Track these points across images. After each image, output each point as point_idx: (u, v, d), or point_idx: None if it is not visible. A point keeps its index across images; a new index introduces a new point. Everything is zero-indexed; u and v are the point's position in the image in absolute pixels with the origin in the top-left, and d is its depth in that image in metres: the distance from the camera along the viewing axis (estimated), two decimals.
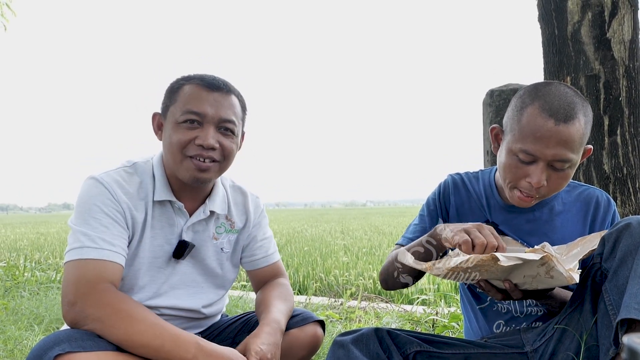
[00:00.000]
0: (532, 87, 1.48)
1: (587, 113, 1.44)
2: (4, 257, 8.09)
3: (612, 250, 1.27)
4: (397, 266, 1.58)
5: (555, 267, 1.18)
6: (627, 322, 1.14)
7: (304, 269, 6.09)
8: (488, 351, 1.46)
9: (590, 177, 2.38)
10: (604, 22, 2.39)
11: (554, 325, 1.44)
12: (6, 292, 4.13)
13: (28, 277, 5.05)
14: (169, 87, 1.67)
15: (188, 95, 1.60)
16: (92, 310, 1.41)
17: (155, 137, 1.71)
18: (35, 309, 3.21)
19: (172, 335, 1.42)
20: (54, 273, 5.47)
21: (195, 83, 1.61)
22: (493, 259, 1.21)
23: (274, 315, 1.66)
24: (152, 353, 1.41)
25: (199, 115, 1.58)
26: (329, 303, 3.83)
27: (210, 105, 1.59)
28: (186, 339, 1.43)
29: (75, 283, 1.45)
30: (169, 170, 1.68)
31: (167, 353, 1.41)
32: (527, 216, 1.62)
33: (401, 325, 2.86)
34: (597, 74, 2.40)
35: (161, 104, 1.68)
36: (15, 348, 2.26)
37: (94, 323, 1.41)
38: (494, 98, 2.68)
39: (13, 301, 3.63)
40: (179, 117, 1.58)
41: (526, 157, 1.41)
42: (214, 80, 1.62)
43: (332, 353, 1.37)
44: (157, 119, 1.70)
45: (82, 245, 1.49)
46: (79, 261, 1.47)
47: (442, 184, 1.76)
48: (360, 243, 9.72)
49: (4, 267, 5.93)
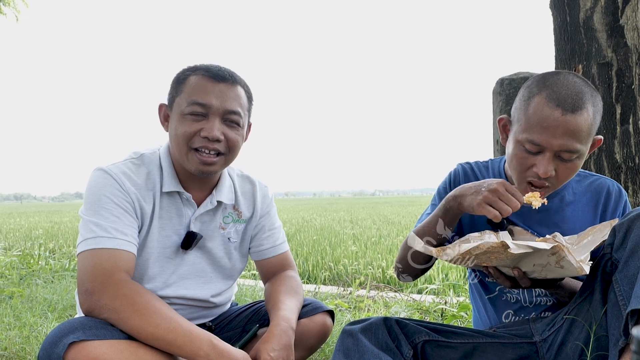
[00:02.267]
0: (540, 76, 1.46)
1: (596, 103, 1.42)
2: (19, 246, 8.18)
3: (623, 240, 1.26)
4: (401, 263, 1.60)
5: (565, 257, 1.18)
6: (638, 313, 1.14)
7: (313, 258, 6.11)
8: (497, 341, 1.46)
9: (602, 167, 2.36)
10: (617, 8, 2.35)
11: (563, 315, 1.43)
12: (21, 280, 4.19)
13: (42, 265, 5.11)
14: (175, 77, 1.66)
15: (194, 86, 1.59)
16: (108, 300, 1.43)
17: (162, 127, 1.71)
18: (49, 296, 3.26)
19: (185, 331, 1.43)
20: (67, 261, 5.55)
21: (201, 74, 1.61)
22: (503, 247, 1.20)
23: (284, 314, 1.66)
24: (165, 346, 1.42)
25: (204, 107, 1.57)
26: (338, 292, 3.84)
27: (216, 97, 1.58)
28: (200, 336, 1.44)
29: (91, 272, 1.46)
30: (176, 161, 1.68)
31: (180, 348, 1.42)
32: None
33: (410, 314, 2.87)
34: (610, 62, 2.37)
35: (167, 95, 1.68)
36: (31, 335, 2.29)
37: (109, 313, 1.43)
38: (504, 87, 2.66)
39: (28, 289, 3.69)
40: (185, 109, 1.58)
41: (533, 147, 1.40)
42: (219, 70, 1.62)
43: (341, 342, 1.37)
44: (163, 110, 1.70)
45: (95, 235, 1.51)
46: (93, 251, 1.49)
47: (453, 172, 1.76)
48: (369, 232, 9.72)
49: (19, 256, 6.03)
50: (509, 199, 1.32)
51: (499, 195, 1.32)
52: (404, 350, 1.38)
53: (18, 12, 9.23)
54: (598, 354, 1.30)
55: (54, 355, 1.34)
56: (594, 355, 1.30)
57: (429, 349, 1.41)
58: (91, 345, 1.34)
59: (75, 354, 1.33)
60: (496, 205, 1.31)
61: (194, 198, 1.71)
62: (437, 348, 1.42)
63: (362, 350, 1.33)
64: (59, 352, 1.33)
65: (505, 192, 1.33)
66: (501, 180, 1.36)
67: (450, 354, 1.42)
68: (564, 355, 1.38)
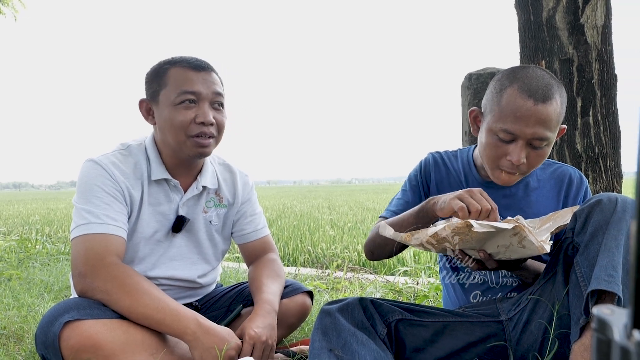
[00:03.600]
0: (510, 70, 1.46)
1: (562, 94, 1.43)
2: (17, 231, 8.09)
3: (584, 225, 1.27)
4: (378, 242, 1.58)
5: (527, 237, 1.18)
6: (597, 293, 1.15)
7: (293, 242, 6.09)
8: (466, 320, 1.46)
9: (564, 156, 2.37)
10: (577, 8, 2.36)
11: (527, 295, 1.44)
12: (20, 263, 4.19)
13: (39, 249, 5.09)
14: (152, 72, 1.66)
15: (179, 78, 1.60)
16: (100, 282, 1.45)
17: (146, 122, 1.70)
18: (46, 278, 3.25)
19: (173, 310, 1.44)
20: (62, 245, 5.52)
21: (183, 65, 1.62)
22: (467, 226, 1.19)
23: (268, 297, 1.68)
24: (154, 325, 1.44)
25: (194, 94, 1.59)
26: (316, 274, 3.83)
27: (202, 84, 1.60)
28: (186, 315, 1.44)
29: (84, 256, 1.48)
30: (163, 150, 1.69)
31: (168, 326, 1.43)
32: (504, 192, 1.61)
33: (384, 295, 2.87)
34: (571, 58, 2.37)
35: (147, 90, 1.67)
36: (29, 314, 2.29)
37: (102, 294, 1.45)
38: (472, 81, 2.65)
39: (26, 271, 3.68)
40: (175, 99, 1.58)
41: (506, 136, 1.40)
42: (197, 61, 1.63)
43: (319, 321, 1.37)
44: (144, 105, 1.69)
45: (87, 221, 1.52)
46: (85, 236, 1.51)
47: (423, 161, 1.74)
48: (345, 218, 9.73)
49: (17, 240, 5.98)
50: (480, 199, 1.29)
51: (472, 194, 1.30)
52: (378, 328, 1.37)
53: (16, 12, 9.13)
54: (561, 332, 1.31)
55: (50, 334, 1.36)
56: (557, 332, 1.31)
57: (402, 327, 1.41)
58: (85, 324, 1.36)
59: (70, 332, 1.35)
60: (466, 200, 1.29)
61: (181, 184, 1.73)
62: (409, 326, 1.42)
63: (339, 328, 1.32)
64: (55, 330, 1.35)
65: (480, 194, 1.31)
66: (480, 188, 1.34)
67: (421, 332, 1.42)
68: (528, 333, 1.39)
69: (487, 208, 1.27)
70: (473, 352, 1.41)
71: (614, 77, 2.38)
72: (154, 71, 1.65)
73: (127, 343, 1.39)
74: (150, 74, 1.66)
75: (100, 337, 1.35)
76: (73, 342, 1.34)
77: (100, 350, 1.35)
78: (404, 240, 1.31)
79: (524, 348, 1.39)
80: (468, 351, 1.41)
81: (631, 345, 0.29)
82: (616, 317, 0.32)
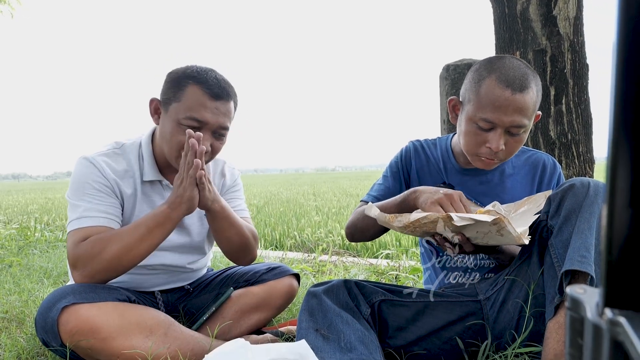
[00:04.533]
0: (487, 61, 1.45)
1: (537, 83, 1.42)
2: (17, 220, 8.00)
3: (558, 208, 1.27)
4: (360, 226, 1.57)
5: (505, 227, 1.18)
6: (571, 273, 1.15)
7: (280, 227, 6.09)
8: (445, 300, 1.47)
9: (538, 143, 2.38)
10: (550, 0, 2.35)
11: (504, 276, 1.44)
12: (20, 251, 4.17)
13: (38, 237, 5.05)
14: (172, 78, 1.58)
15: (193, 101, 1.53)
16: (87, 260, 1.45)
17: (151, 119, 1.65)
18: (45, 264, 3.24)
19: (146, 218, 1.50)
20: (60, 233, 5.48)
21: (202, 89, 1.53)
22: (448, 218, 1.20)
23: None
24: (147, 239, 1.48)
25: (200, 122, 1.53)
26: (302, 258, 3.82)
27: (212, 113, 1.54)
28: (158, 209, 1.51)
29: (73, 248, 1.48)
30: (158, 152, 1.66)
31: (152, 220, 1.49)
32: (480, 178, 1.61)
33: (367, 277, 2.87)
34: (544, 49, 2.37)
35: (162, 93, 1.60)
36: (29, 299, 2.29)
37: (93, 264, 1.45)
38: (450, 72, 2.64)
39: (25, 258, 3.66)
40: (182, 120, 1.52)
41: (486, 124, 1.39)
42: (218, 88, 1.55)
43: (306, 302, 1.37)
44: (154, 104, 1.62)
45: (80, 216, 1.52)
46: (78, 230, 1.50)
47: (404, 149, 1.74)
48: (330, 204, 9.75)
49: (17, 229, 5.94)
50: (458, 207, 1.29)
51: (452, 201, 1.30)
52: (362, 308, 1.38)
53: (13, 9, 8.99)
54: (536, 310, 1.31)
55: (49, 319, 1.37)
56: (533, 311, 1.32)
57: (384, 308, 1.41)
58: (82, 309, 1.36)
59: (67, 317, 1.35)
60: (445, 207, 1.29)
61: (172, 183, 1.69)
62: (392, 307, 1.42)
63: (325, 309, 1.32)
64: (53, 315, 1.36)
65: (459, 201, 1.31)
66: (460, 192, 1.34)
67: (403, 312, 1.42)
68: (505, 312, 1.40)
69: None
70: (452, 331, 1.42)
71: (585, 67, 2.39)
72: (175, 79, 1.57)
73: (123, 325, 1.40)
74: (171, 80, 1.58)
75: (97, 321, 1.36)
76: (71, 326, 1.35)
77: (97, 334, 1.36)
78: (387, 221, 1.30)
79: (501, 326, 1.40)
80: (448, 329, 1.42)
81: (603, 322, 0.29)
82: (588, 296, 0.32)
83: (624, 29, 0.27)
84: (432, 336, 1.41)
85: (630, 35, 0.27)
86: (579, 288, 0.33)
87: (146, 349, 1.41)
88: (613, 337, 0.28)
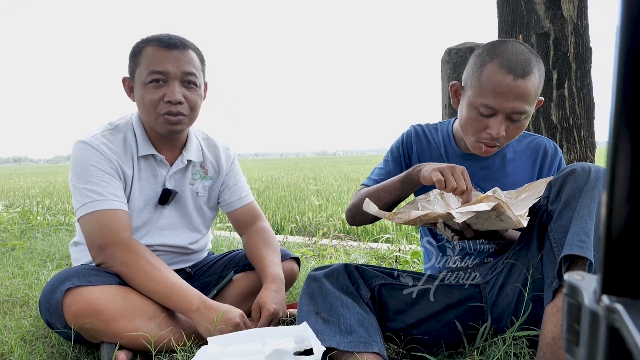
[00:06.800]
0: (489, 45, 1.43)
1: (540, 68, 1.40)
2: (19, 204, 8.01)
3: (558, 193, 1.27)
4: (360, 211, 1.58)
5: (505, 212, 1.18)
6: (570, 258, 1.15)
7: (281, 211, 6.10)
8: (445, 283, 1.47)
9: (539, 127, 2.37)
10: None
11: (503, 260, 1.45)
12: (22, 234, 4.20)
13: (40, 221, 5.07)
14: (131, 50, 1.64)
15: (150, 57, 1.58)
16: (120, 254, 1.49)
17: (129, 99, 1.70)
18: (48, 248, 3.27)
19: (180, 287, 1.49)
20: (62, 217, 5.49)
21: (154, 44, 1.59)
22: (449, 215, 1.20)
23: (275, 270, 1.73)
24: (162, 299, 1.48)
25: (162, 74, 1.57)
26: (303, 242, 3.84)
27: (171, 63, 1.57)
28: (192, 293, 1.49)
29: (100, 231, 1.51)
30: (147, 126, 1.69)
31: (174, 302, 1.48)
32: (482, 163, 1.61)
33: (367, 261, 2.88)
34: (547, 32, 2.35)
35: (128, 68, 1.66)
36: (32, 282, 2.33)
37: (121, 266, 1.49)
38: (452, 56, 2.62)
39: (28, 242, 3.69)
40: (145, 78, 1.57)
41: (487, 110, 1.39)
42: (170, 39, 1.60)
43: (306, 286, 1.38)
44: (127, 83, 1.68)
45: (92, 199, 1.54)
46: (94, 213, 1.53)
47: (405, 133, 1.73)
48: (330, 188, 9.74)
49: (19, 212, 5.97)
50: (459, 178, 1.28)
51: (453, 172, 1.30)
52: (362, 292, 1.39)
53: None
54: (534, 295, 1.32)
55: (53, 301, 1.39)
56: (531, 295, 1.32)
57: (384, 291, 1.42)
58: (85, 291, 1.39)
59: (71, 298, 1.38)
60: (445, 175, 1.29)
61: (166, 159, 1.73)
62: (391, 290, 1.43)
63: (326, 292, 1.33)
64: (57, 297, 1.38)
65: (460, 174, 1.30)
66: (463, 167, 1.33)
67: (403, 296, 1.43)
68: (504, 296, 1.40)
69: (462, 188, 1.27)
70: (452, 314, 1.43)
71: (589, 50, 2.37)
72: (132, 49, 1.64)
73: (126, 308, 1.43)
74: (131, 53, 1.65)
75: (101, 303, 1.38)
76: (75, 307, 1.37)
77: (101, 315, 1.38)
78: (387, 217, 1.31)
79: (500, 310, 1.41)
80: (447, 313, 1.43)
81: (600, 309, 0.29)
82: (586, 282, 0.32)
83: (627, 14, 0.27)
84: (432, 319, 1.42)
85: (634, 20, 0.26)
86: (577, 275, 0.33)
87: (149, 331, 1.44)
88: (610, 323, 0.28)
